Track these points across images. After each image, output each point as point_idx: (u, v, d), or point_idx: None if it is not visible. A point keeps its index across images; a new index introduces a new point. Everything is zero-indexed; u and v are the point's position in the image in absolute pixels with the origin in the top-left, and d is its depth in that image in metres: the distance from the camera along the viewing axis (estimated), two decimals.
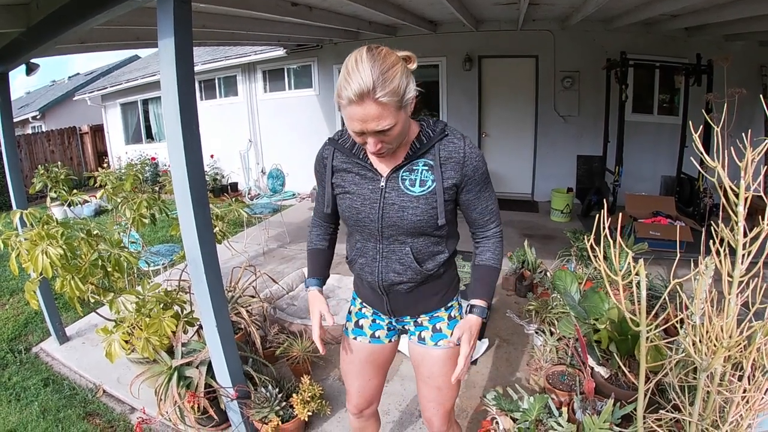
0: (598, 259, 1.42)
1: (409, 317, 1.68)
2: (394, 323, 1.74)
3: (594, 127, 7.23)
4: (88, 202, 8.69)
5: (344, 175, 1.51)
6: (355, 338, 1.77)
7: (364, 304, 1.76)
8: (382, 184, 1.44)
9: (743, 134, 1.30)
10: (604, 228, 1.37)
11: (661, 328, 1.45)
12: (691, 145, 6.27)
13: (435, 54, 7.93)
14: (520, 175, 8.21)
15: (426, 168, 1.43)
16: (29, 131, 15.15)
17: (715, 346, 1.33)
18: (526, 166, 8.09)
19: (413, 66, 1.36)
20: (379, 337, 1.75)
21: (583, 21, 6.03)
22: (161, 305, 2.65)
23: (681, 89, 6.42)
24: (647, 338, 1.42)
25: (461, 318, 1.69)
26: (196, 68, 9.41)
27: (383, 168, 1.45)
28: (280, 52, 8.64)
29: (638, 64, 6.32)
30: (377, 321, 1.75)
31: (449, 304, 1.68)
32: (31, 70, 3.67)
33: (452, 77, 8.00)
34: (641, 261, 1.35)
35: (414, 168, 1.43)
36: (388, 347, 1.79)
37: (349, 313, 1.82)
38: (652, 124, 7.22)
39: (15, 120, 3.92)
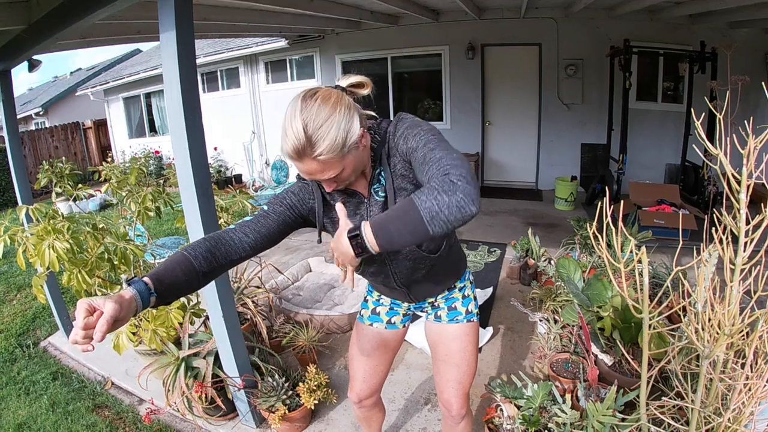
0: (601, 247, 1.43)
1: (428, 300, 1.72)
2: (412, 309, 1.80)
3: (598, 115, 7.18)
4: (93, 196, 8.70)
5: (333, 217, 1.44)
6: (371, 324, 1.81)
7: (381, 296, 1.80)
8: (367, 202, 1.42)
9: (746, 122, 1.30)
10: (606, 216, 1.37)
11: (664, 315, 1.45)
12: (695, 133, 6.19)
13: (437, 43, 7.89)
14: (524, 164, 8.19)
15: (383, 173, 1.39)
16: (33, 127, 15.15)
17: (717, 333, 1.33)
18: (530, 154, 8.06)
19: (365, 92, 1.31)
20: (394, 323, 1.81)
21: (586, 8, 5.98)
22: None
23: (685, 77, 6.36)
24: (650, 326, 1.42)
25: (474, 296, 1.77)
26: (198, 61, 9.40)
27: (361, 189, 1.42)
28: (282, 43, 8.61)
29: (642, 51, 6.26)
30: (394, 308, 1.80)
31: (462, 284, 1.73)
32: (33, 66, 3.68)
33: (455, 66, 7.95)
34: (643, 248, 1.35)
35: (380, 178, 1.38)
36: (401, 332, 1.85)
37: (365, 301, 1.86)
38: (657, 111, 7.17)
39: (18, 116, 3.93)
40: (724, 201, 1.37)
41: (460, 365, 1.70)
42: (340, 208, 1.25)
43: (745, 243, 1.31)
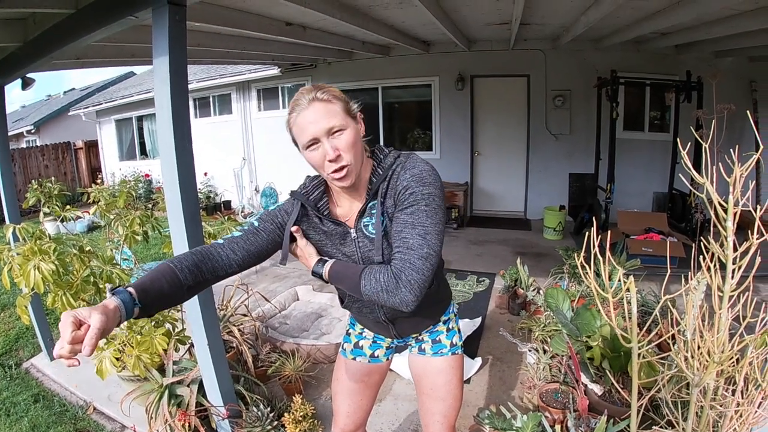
0: (588, 276, 1.43)
1: (412, 336, 1.69)
2: (395, 342, 1.76)
3: (585, 145, 7.29)
4: (81, 218, 8.64)
5: (318, 241, 1.46)
6: (354, 359, 1.77)
7: (364, 329, 1.77)
8: (354, 235, 1.39)
9: (731, 150, 1.32)
10: (594, 246, 1.38)
11: (654, 344, 1.45)
12: (682, 162, 6.29)
13: (428, 73, 8.02)
14: (512, 194, 8.24)
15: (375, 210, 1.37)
16: (24, 145, 15.13)
17: (707, 361, 1.33)
18: (519, 184, 8.13)
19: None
20: (377, 357, 1.77)
21: (573, 40, 6.12)
22: (153, 323, 2.63)
23: (671, 106, 6.50)
24: (639, 354, 1.42)
25: (458, 329, 1.74)
26: (191, 86, 9.47)
27: (349, 219, 1.41)
28: (274, 71, 8.70)
29: (629, 82, 6.41)
30: (377, 342, 1.76)
31: (446, 318, 1.70)
32: (26, 84, 3.69)
33: (445, 96, 8.07)
34: (631, 277, 1.36)
35: (372, 212, 1.37)
36: (384, 365, 1.81)
37: (348, 334, 1.82)
38: (644, 141, 7.30)
39: (9, 134, 3.93)
40: (711, 228, 1.39)
41: (446, 398, 1.67)
42: (296, 229, 1.42)
43: (733, 270, 1.32)
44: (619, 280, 1.39)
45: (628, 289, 1.34)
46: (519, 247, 6.40)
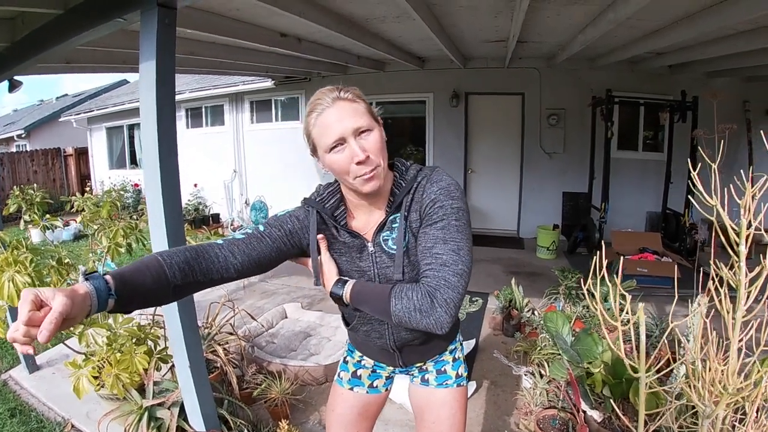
0: (596, 301, 1.36)
1: (416, 365, 1.58)
2: (397, 372, 1.65)
3: (579, 164, 7.28)
4: (67, 225, 8.56)
5: (334, 252, 1.37)
6: (351, 389, 1.65)
7: (364, 357, 1.65)
8: (371, 249, 1.32)
9: (741, 171, 1.27)
10: (601, 268, 1.31)
11: (662, 373, 1.37)
12: (676, 182, 6.35)
13: (422, 90, 8.01)
14: (505, 212, 8.20)
15: (396, 223, 1.31)
16: (13, 149, 15.00)
17: (720, 392, 1.26)
18: (512, 202, 8.10)
19: None
20: (377, 387, 1.66)
21: (568, 59, 6.14)
22: (133, 340, 2.53)
23: (665, 126, 6.53)
24: (646, 384, 1.34)
25: (464, 359, 1.64)
26: (184, 96, 9.44)
27: (367, 232, 1.34)
28: (268, 83, 8.66)
29: (623, 101, 6.41)
30: (377, 371, 1.65)
31: (453, 347, 1.61)
32: (13, 86, 3.61)
33: (439, 113, 8.06)
34: (641, 305, 1.29)
35: (393, 225, 1.30)
36: (383, 396, 1.69)
37: (345, 362, 1.70)
38: (637, 160, 7.33)
39: None
40: (712, 249, 1.32)
41: None
42: (321, 238, 1.33)
43: (746, 295, 1.26)
44: (622, 304, 1.33)
45: (635, 315, 1.28)
46: (512, 267, 6.33)
